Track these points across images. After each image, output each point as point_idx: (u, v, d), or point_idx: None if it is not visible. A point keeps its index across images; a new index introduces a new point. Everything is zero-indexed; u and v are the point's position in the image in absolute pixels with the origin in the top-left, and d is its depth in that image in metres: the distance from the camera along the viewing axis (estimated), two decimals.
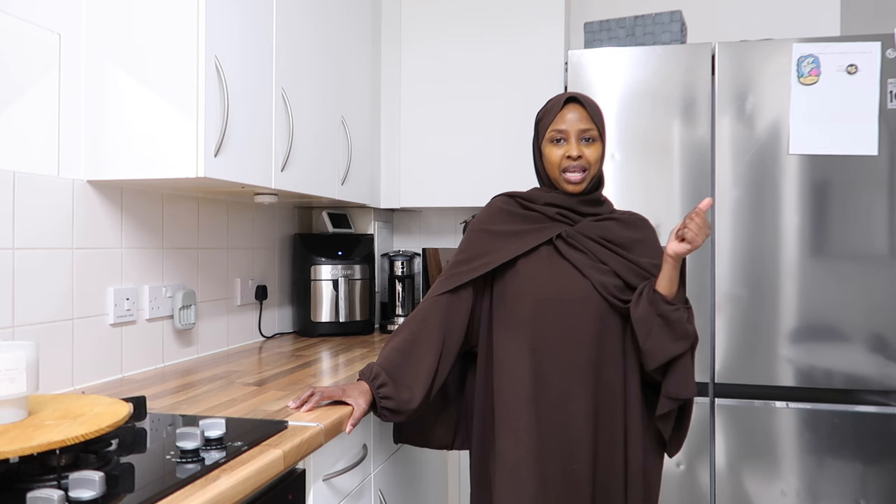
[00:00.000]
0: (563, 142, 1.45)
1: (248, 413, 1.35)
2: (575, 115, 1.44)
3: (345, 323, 2.50)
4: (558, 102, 1.47)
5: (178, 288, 1.93)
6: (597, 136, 1.45)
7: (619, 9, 2.90)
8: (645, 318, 1.37)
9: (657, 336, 1.36)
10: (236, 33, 1.66)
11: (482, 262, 1.47)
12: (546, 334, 1.42)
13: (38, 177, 1.48)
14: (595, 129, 1.44)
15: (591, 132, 1.44)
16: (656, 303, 1.36)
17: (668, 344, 1.36)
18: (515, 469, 1.40)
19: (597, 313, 1.41)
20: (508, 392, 1.43)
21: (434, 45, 2.67)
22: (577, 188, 1.45)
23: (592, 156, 1.44)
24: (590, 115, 1.44)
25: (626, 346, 1.44)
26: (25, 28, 1.45)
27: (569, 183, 1.45)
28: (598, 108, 1.48)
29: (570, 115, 1.44)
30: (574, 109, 1.45)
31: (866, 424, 2.06)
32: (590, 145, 1.44)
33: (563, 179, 1.45)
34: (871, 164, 2.07)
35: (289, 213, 2.64)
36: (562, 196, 1.47)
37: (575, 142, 1.43)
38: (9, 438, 0.93)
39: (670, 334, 1.35)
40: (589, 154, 1.44)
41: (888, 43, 2.05)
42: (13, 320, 1.41)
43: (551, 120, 1.46)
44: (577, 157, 1.43)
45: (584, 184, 1.45)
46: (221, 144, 1.57)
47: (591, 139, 1.44)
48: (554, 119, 1.46)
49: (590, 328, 1.41)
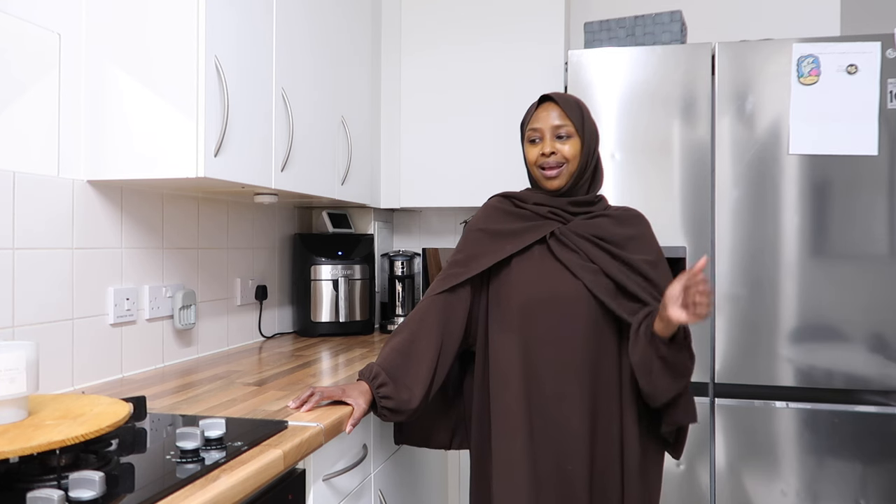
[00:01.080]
0: (539, 140, 1.46)
1: (248, 413, 1.35)
2: (548, 113, 1.46)
3: (345, 323, 2.50)
4: (535, 104, 1.50)
5: (178, 288, 1.93)
6: (573, 131, 1.45)
7: (619, 9, 2.90)
8: (644, 362, 1.34)
9: (658, 377, 1.34)
10: (236, 33, 1.66)
11: (477, 262, 1.48)
12: (537, 335, 1.42)
13: (38, 177, 1.48)
14: (570, 125, 1.45)
15: (566, 128, 1.45)
16: (656, 346, 1.32)
17: (669, 384, 1.34)
18: (511, 469, 1.40)
19: (589, 313, 1.41)
20: (502, 392, 1.43)
21: (434, 44, 2.66)
22: (553, 183, 1.46)
23: (569, 151, 1.44)
24: (565, 112, 1.45)
25: (622, 346, 1.44)
26: (25, 28, 1.45)
27: (546, 179, 1.46)
28: (575, 104, 1.47)
29: (543, 114, 1.46)
30: (548, 108, 1.47)
31: (866, 424, 2.06)
32: (565, 141, 1.45)
33: (541, 176, 1.47)
34: (871, 164, 2.07)
35: (289, 213, 2.64)
36: (549, 197, 1.49)
37: (549, 139, 1.45)
38: (9, 438, 0.93)
39: (671, 374, 1.34)
40: (565, 150, 1.44)
41: (888, 43, 2.05)
42: (13, 320, 1.41)
43: (528, 120, 1.50)
44: (549, 154, 1.44)
45: (562, 179, 1.45)
46: (221, 144, 1.57)
47: (566, 136, 1.45)
48: (530, 119, 1.49)
49: (582, 328, 1.41)
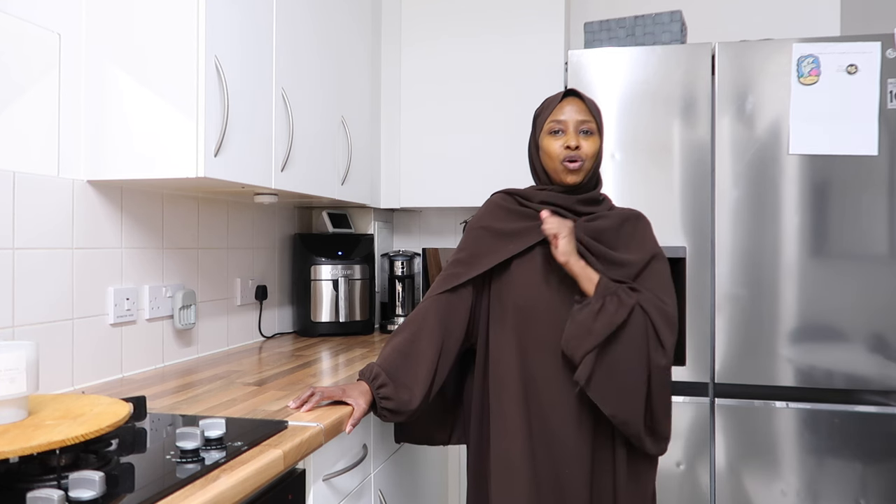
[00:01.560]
0: (562, 133, 1.45)
1: (248, 413, 1.35)
2: (574, 107, 1.45)
3: (345, 323, 2.50)
4: (558, 96, 1.49)
5: (178, 288, 1.93)
6: (594, 129, 1.45)
7: (619, 9, 2.90)
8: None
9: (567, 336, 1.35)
10: (236, 33, 1.66)
11: (480, 262, 1.47)
12: (536, 337, 1.42)
13: (38, 177, 1.48)
14: (593, 123, 1.45)
15: (590, 125, 1.44)
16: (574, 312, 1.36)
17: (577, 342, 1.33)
18: (510, 470, 1.40)
19: None
20: (501, 393, 1.43)
21: (434, 44, 2.67)
22: (573, 178, 1.44)
23: (590, 149, 1.44)
24: (588, 108, 1.45)
25: None
26: (25, 28, 1.45)
27: (567, 172, 1.43)
28: (596, 105, 1.49)
29: (568, 108, 1.45)
30: (573, 102, 1.46)
31: (866, 424, 2.06)
32: (587, 138, 1.44)
33: (562, 169, 1.44)
34: (871, 164, 2.07)
35: (289, 213, 2.64)
36: (558, 195, 1.47)
37: (574, 132, 1.44)
38: (9, 438, 0.93)
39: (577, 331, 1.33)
40: (586, 146, 1.44)
41: (888, 43, 2.05)
42: (13, 320, 1.41)
43: (550, 112, 1.47)
44: (575, 148, 1.43)
45: (581, 174, 1.44)
46: (221, 144, 1.57)
47: (589, 132, 1.44)
48: (553, 111, 1.46)
49: None
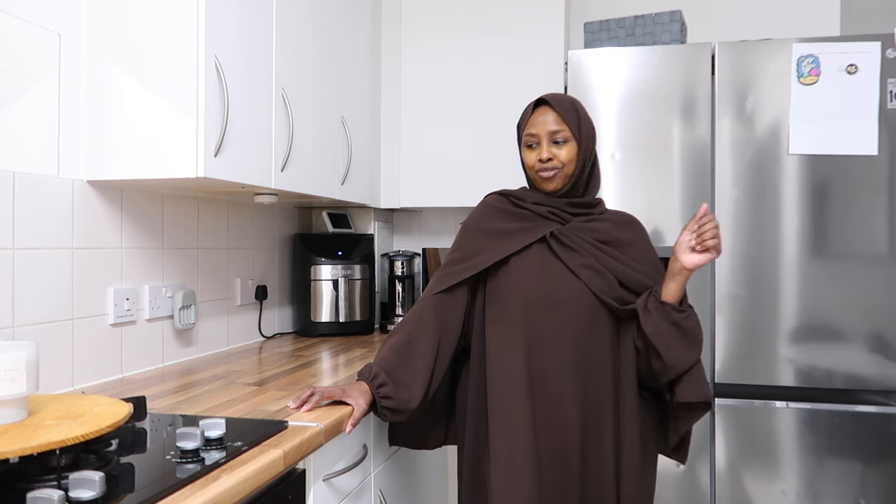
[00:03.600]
0: (536, 145, 1.46)
1: (248, 413, 1.35)
2: (544, 117, 1.45)
3: (345, 323, 2.50)
4: (530, 107, 1.49)
5: (178, 288, 1.93)
6: (569, 136, 1.44)
7: (619, 9, 2.90)
8: (660, 332, 1.37)
9: (675, 348, 1.37)
10: (236, 33, 1.66)
11: (475, 261, 1.48)
12: (538, 333, 1.42)
13: (38, 177, 1.48)
14: (566, 130, 1.44)
15: (562, 133, 1.44)
16: (668, 313, 1.37)
17: (685, 353, 1.37)
18: (513, 469, 1.39)
19: (587, 312, 1.42)
20: (503, 391, 1.43)
21: (434, 45, 2.67)
22: (550, 185, 1.46)
23: (565, 156, 1.44)
24: (560, 116, 1.44)
25: (617, 344, 1.44)
26: (25, 28, 1.45)
27: (543, 181, 1.46)
28: (571, 107, 1.46)
29: (539, 119, 1.46)
30: (543, 112, 1.46)
31: (866, 424, 2.06)
32: (561, 146, 1.44)
33: (539, 178, 1.47)
34: (871, 164, 2.07)
35: (289, 213, 2.64)
36: (548, 197, 1.49)
37: (546, 144, 1.44)
38: (9, 438, 0.93)
39: (685, 342, 1.37)
40: (561, 155, 1.44)
41: (888, 43, 2.05)
42: (13, 320, 1.41)
43: (524, 124, 1.49)
44: (546, 160, 1.44)
45: (559, 181, 1.46)
46: (221, 144, 1.57)
47: (562, 140, 1.44)
48: (526, 123, 1.48)
49: (580, 327, 1.41)
